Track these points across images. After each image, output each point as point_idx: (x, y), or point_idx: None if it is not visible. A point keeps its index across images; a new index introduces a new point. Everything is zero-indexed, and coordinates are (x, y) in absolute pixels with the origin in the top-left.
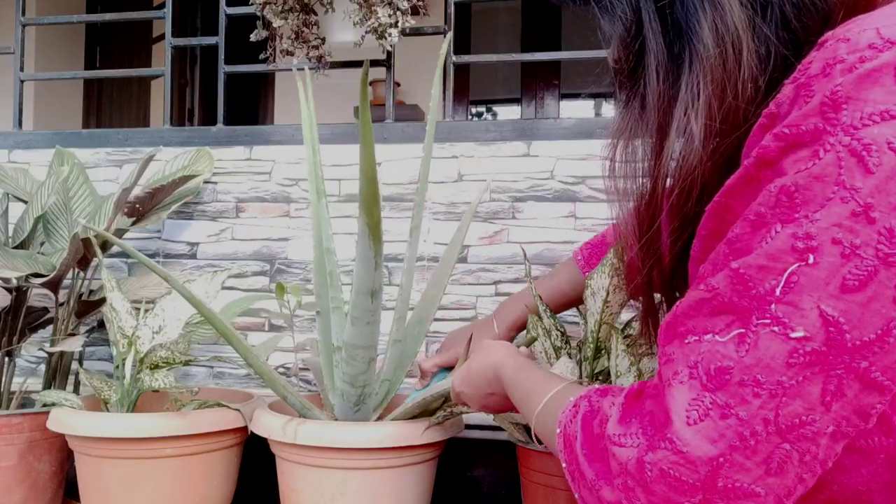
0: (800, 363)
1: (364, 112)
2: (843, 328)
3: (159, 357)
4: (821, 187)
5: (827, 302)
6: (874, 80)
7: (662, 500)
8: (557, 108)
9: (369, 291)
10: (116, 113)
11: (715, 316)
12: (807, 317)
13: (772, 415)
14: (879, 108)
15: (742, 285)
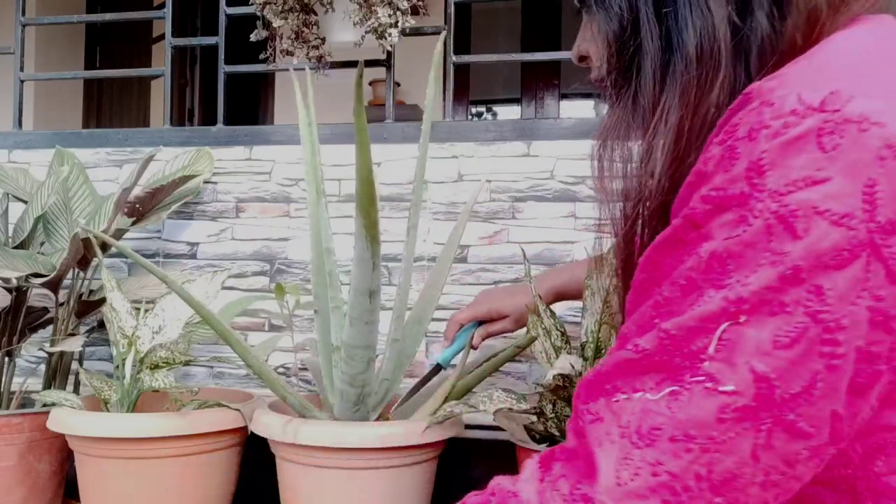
0: (731, 418)
1: (359, 113)
2: (773, 383)
3: (159, 357)
4: (752, 254)
5: (758, 359)
6: (798, 148)
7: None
8: (557, 108)
9: (367, 292)
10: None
11: (645, 374)
12: (738, 373)
13: (704, 470)
14: (803, 174)
15: (673, 345)
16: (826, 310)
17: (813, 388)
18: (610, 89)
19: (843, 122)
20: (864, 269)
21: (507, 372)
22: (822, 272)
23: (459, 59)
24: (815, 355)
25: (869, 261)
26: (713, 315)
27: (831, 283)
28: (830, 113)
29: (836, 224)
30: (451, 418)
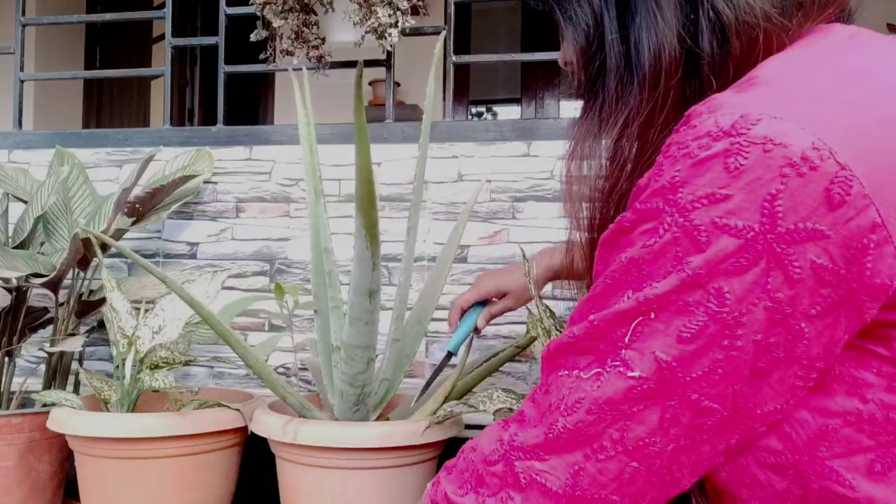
0: (637, 397)
1: (359, 113)
2: (675, 370)
3: (159, 357)
4: (661, 262)
5: (662, 350)
6: (706, 168)
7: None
8: (557, 108)
9: (367, 292)
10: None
11: (581, 355)
12: (645, 361)
13: (617, 435)
14: (707, 191)
15: (598, 334)
16: (725, 310)
17: (713, 373)
18: (581, 98)
19: (747, 144)
20: (763, 274)
21: (507, 372)
22: (721, 277)
23: (459, 59)
24: (716, 347)
25: (768, 267)
26: (628, 312)
27: (730, 286)
28: (737, 136)
29: (734, 236)
30: (451, 418)
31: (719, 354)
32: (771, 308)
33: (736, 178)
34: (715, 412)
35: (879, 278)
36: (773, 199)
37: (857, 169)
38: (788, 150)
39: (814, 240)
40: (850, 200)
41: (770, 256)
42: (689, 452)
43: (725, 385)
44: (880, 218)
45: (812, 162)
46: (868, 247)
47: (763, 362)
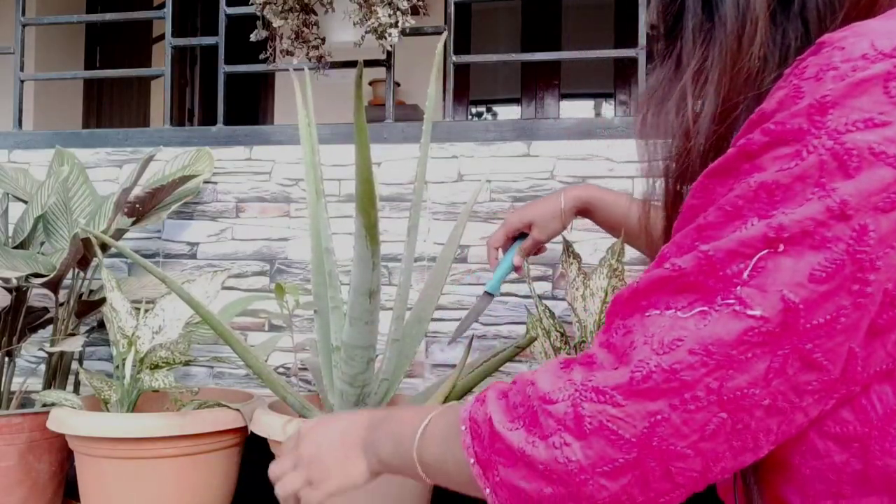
0: (752, 341)
1: (359, 113)
2: (800, 313)
3: (159, 357)
4: (801, 187)
5: (790, 288)
6: (863, 90)
7: (598, 455)
8: (557, 108)
9: (367, 292)
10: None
11: (679, 294)
12: (769, 300)
13: (716, 384)
14: (864, 115)
15: (710, 267)
16: (865, 249)
17: (836, 322)
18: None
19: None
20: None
21: (507, 372)
22: (869, 212)
23: (459, 59)
24: (845, 292)
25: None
26: (753, 240)
27: (876, 224)
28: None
29: (890, 165)
30: None
31: (846, 301)
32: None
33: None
34: (823, 370)
35: None
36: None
37: None
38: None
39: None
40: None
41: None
42: (781, 417)
43: (842, 339)
44: None
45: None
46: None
47: (884, 318)
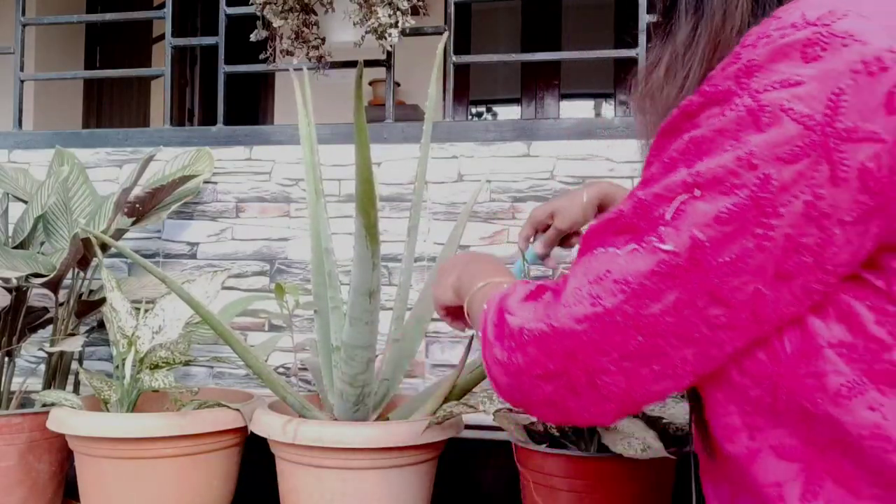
0: (663, 272)
1: (359, 113)
2: (707, 251)
3: (159, 357)
4: (721, 140)
5: (700, 228)
6: (784, 54)
7: (533, 360)
8: (557, 108)
9: (367, 292)
10: (116, 113)
11: (619, 234)
12: (680, 237)
13: (632, 310)
14: (782, 77)
15: (643, 210)
16: (767, 196)
17: (740, 261)
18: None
19: (828, 35)
20: (812, 166)
21: None
22: (773, 162)
23: (459, 59)
24: (748, 234)
25: (818, 160)
26: (676, 186)
27: (778, 173)
28: (821, 27)
29: (795, 121)
30: (451, 418)
31: (750, 242)
32: (810, 203)
33: (811, 65)
34: (731, 305)
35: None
36: (839, 94)
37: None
38: (865, 48)
39: (868, 142)
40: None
41: (822, 150)
42: (696, 349)
43: (748, 279)
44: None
45: (883, 62)
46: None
47: (790, 264)
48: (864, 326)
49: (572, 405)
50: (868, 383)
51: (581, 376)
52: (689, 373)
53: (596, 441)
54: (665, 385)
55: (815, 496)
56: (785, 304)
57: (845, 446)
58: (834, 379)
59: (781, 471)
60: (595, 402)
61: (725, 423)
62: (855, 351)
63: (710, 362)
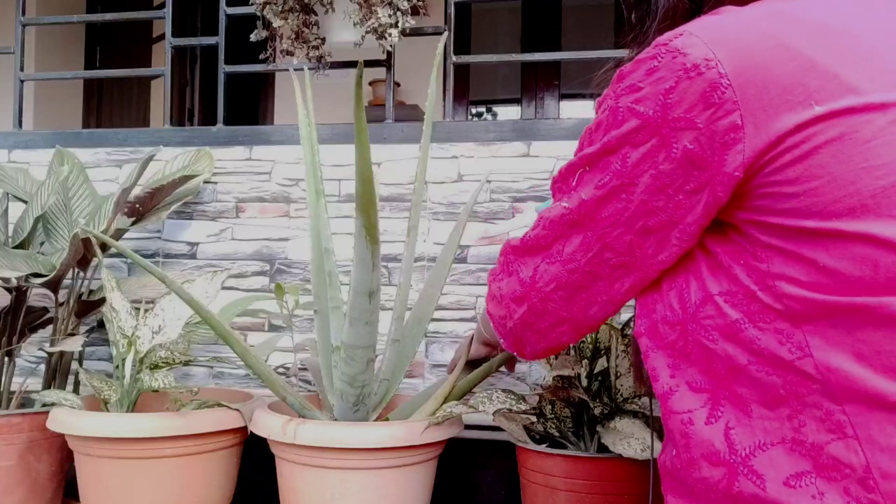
0: (565, 222)
1: (359, 113)
2: (591, 208)
3: (159, 357)
4: (597, 132)
5: (587, 192)
6: (638, 66)
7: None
8: (557, 108)
9: (367, 292)
10: (116, 113)
11: (556, 193)
12: (574, 199)
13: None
14: (631, 83)
15: (563, 178)
16: (625, 170)
17: (614, 218)
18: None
19: (665, 52)
20: (653, 149)
21: (507, 372)
22: (627, 146)
23: (459, 59)
24: (615, 199)
25: (658, 144)
26: (576, 164)
27: (631, 154)
28: (663, 46)
29: (638, 117)
30: (451, 419)
31: (619, 205)
32: (655, 176)
33: (650, 75)
34: (615, 251)
35: (729, 168)
36: (667, 93)
37: (735, 80)
38: (687, 59)
39: (689, 129)
40: (720, 103)
41: (659, 137)
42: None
43: (623, 231)
44: (741, 121)
45: (700, 69)
46: (728, 142)
47: (651, 222)
48: (738, 278)
49: (541, 325)
50: (747, 321)
51: (537, 303)
52: (606, 302)
53: (596, 441)
54: (595, 311)
55: (716, 418)
56: (656, 249)
57: (736, 373)
58: (722, 320)
59: (692, 400)
60: (554, 323)
61: (653, 366)
62: (735, 297)
63: (618, 295)
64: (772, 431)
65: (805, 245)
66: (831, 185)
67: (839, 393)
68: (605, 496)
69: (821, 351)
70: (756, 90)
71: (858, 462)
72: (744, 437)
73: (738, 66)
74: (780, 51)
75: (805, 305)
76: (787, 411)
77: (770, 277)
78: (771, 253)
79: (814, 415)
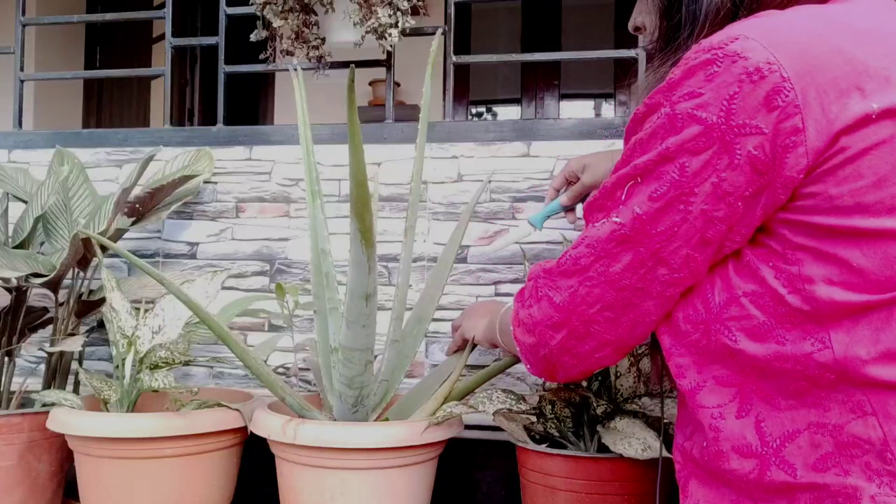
0: (616, 239)
1: (351, 116)
2: (645, 222)
3: (159, 357)
4: (651, 141)
5: (638, 205)
6: (692, 72)
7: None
8: (557, 108)
9: (363, 295)
10: (116, 113)
11: (598, 212)
12: (626, 213)
13: (602, 268)
14: (689, 90)
15: (608, 193)
16: (684, 180)
17: (671, 230)
18: (658, 50)
19: (723, 56)
20: (714, 156)
21: (507, 372)
22: (685, 154)
23: (459, 59)
24: (673, 210)
25: (719, 151)
26: (626, 176)
27: (690, 162)
28: (719, 49)
29: (699, 123)
30: (451, 419)
31: (676, 217)
32: (716, 184)
33: (710, 80)
34: (671, 266)
35: (791, 171)
36: (731, 99)
37: (798, 83)
38: (748, 62)
39: (755, 134)
40: (783, 107)
41: (721, 143)
42: (653, 300)
43: (680, 244)
44: (802, 124)
45: (763, 72)
46: (790, 145)
47: (710, 232)
48: (766, 280)
49: (582, 349)
50: (773, 323)
51: (579, 326)
52: (654, 322)
53: (596, 441)
54: (642, 330)
55: (747, 413)
56: (708, 261)
57: (761, 370)
58: (747, 321)
59: (721, 395)
60: (596, 346)
61: (678, 363)
62: (762, 298)
63: (663, 313)
64: (798, 419)
65: (840, 244)
66: (876, 185)
67: (858, 380)
68: (605, 496)
69: (840, 344)
70: (816, 92)
71: (877, 437)
72: (774, 429)
73: (800, 68)
74: (835, 53)
75: (833, 306)
76: (811, 399)
77: (801, 280)
78: (803, 254)
79: (836, 398)
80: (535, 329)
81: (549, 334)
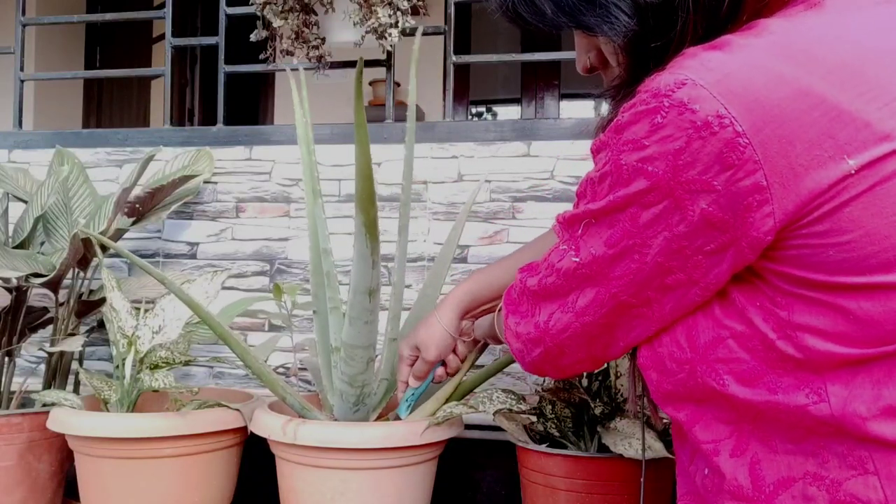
0: (580, 276)
1: (359, 110)
2: (603, 265)
3: (159, 357)
4: (601, 184)
5: (596, 247)
6: (639, 119)
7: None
8: (557, 108)
9: (367, 290)
10: (116, 113)
11: (563, 241)
12: (583, 253)
13: (574, 299)
14: (634, 137)
15: (567, 226)
16: (636, 231)
17: (629, 277)
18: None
19: (668, 105)
20: (665, 211)
21: (507, 372)
22: (636, 206)
23: (459, 59)
24: (628, 259)
25: (670, 206)
26: (580, 215)
27: (641, 215)
28: (665, 97)
29: (647, 178)
30: (451, 419)
31: (633, 265)
32: (670, 238)
33: (654, 131)
34: (634, 307)
35: (758, 232)
36: (677, 155)
37: (755, 137)
38: (696, 116)
39: (706, 192)
40: (739, 164)
41: (671, 199)
42: (621, 330)
43: (639, 288)
44: (766, 181)
45: (713, 128)
46: (753, 204)
47: (669, 281)
48: (753, 322)
49: (561, 362)
50: (763, 368)
51: (553, 347)
52: (623, 348)
53: (596, 441)
54: (613, 350)
55: (742, 452)
56: (675, 306)
57: (754, 413)
58: (735, 364)
59: (717, 431)
60: (573, 362)
61: (664, 397)
62: (750, 342)
63: (635, 341)
64: (795, 466)
65: (840, 296)
66: (864, 240)
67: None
68: (605, 496)
69: (838, 398)
70: (780, 146)
71: (877, 499)
72: (769, 472)
73: (757, 120)
74: (801, 98)
75: (828, 357)
76: (810, 447)
77: (790, 327)
78: (793, 300)
79: (836, 450)
80: (519, 338)
81: (530, 347)
